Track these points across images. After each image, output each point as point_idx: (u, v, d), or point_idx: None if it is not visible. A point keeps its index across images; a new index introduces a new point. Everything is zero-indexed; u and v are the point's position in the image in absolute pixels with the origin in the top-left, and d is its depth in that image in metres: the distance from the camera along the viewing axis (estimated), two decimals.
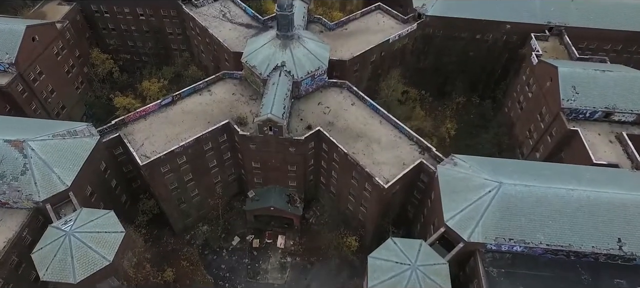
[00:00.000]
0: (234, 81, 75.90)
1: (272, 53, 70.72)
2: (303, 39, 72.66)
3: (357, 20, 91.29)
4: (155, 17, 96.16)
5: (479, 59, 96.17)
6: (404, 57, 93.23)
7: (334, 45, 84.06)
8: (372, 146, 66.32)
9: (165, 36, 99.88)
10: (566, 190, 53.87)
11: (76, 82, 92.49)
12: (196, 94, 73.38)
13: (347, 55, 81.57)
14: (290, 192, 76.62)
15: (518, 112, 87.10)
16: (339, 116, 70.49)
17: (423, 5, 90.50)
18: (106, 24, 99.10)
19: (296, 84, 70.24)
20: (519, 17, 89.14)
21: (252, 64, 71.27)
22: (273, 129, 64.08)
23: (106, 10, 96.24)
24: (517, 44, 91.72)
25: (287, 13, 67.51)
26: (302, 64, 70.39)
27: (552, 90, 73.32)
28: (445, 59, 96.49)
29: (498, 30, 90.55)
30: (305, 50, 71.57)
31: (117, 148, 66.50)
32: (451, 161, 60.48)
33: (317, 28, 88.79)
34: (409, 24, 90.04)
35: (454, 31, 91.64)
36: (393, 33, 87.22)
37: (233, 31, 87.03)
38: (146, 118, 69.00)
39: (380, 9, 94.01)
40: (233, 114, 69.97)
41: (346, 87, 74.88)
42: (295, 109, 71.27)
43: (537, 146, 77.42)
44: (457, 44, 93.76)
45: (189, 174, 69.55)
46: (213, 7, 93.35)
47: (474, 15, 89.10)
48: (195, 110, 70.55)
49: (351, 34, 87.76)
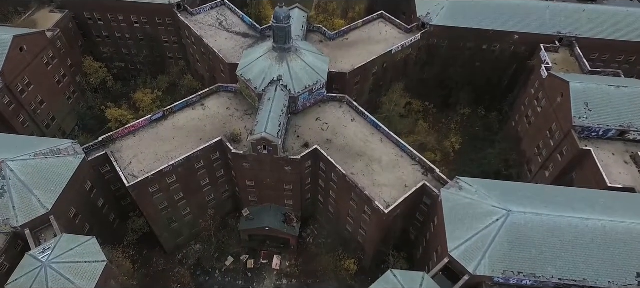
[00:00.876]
0: (229, 95, 72.60)
1: (268, 66, 67.36)
2: (301, 51, 69.24)
3: (358, 29, 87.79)
4: (150, 25, 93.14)
5: (485, 70, 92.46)
6: (407, 68, 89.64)
7: (334, 56, 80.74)
8: (372, 166, 62.78)
9: (160, 44, 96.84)
10: (580, 219, 50.14)
11: (67, 92, 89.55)
12: (189, 108, 70.12)
13: (347, 67, 78.10)
14: (287, 211, 73.20)
15: (526, 126, 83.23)
16: (338, 133, 67.01)
17: (427, 14, 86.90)
18: (100, 32, 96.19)
19: (293, 99, 66.85)
20: (527, 27, 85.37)
21: (247, 78, 67.96)
22: (267, 148, 60.69)
23: (100, 18, 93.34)
24: (526, 55, 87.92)
25: (283, 25, 64.14)
26: (299, 78, 66.98)
27: (563, 107, 69.50)
28: (450, 70, 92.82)
29: (506, 40, 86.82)
30: (302, 63, 68.16)
31: (104, 166, 63.30)
32: (456, 185, 56.80)
33: (316, 38, 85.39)
34: (412, 33, 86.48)
35: (459, 41, 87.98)
36: (396, 43, 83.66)
37: (229, 41, 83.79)
38: (135, 134, 65.85)
39: (382, 18, 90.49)
40: (227, 130, 66.67)
41: (346, 102, 71.40)
42: (292, 124, 67.87)
43: (547, 164, 73.54)
44: (462, 54, 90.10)
45: (180, 193, 66.29)
46: (209, 15, 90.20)
47: (481, 26, 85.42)
48: (187, 125, 67.29)
49: (352, 44, 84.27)
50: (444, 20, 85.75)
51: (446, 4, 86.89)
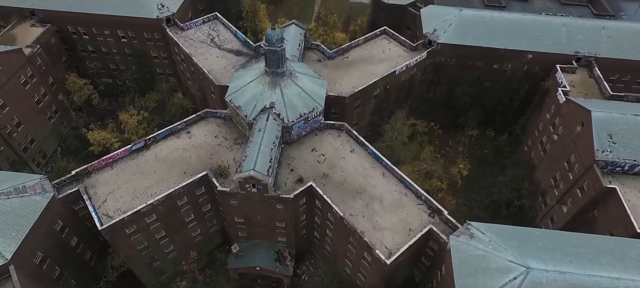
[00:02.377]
0: (218, 121, 66.69)
1: (259, 92, 61.40)
2: (296, 75, 63.25)
3: (359, 47, 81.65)
4: (138, 39, 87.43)
5: (495, 90, 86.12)
6: (412, 88, 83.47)
7: (333, 77, 74.76)
8: (373, 205, 56.65)
9: (149, 60, 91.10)
10: (610, 280, 43.80)
11: (49, 112, 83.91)
12: (173, 136, 64.24)
13: (347, 89, 72.04)
14: (280, 248, 67.21)
15: (540, 153, 76.90)
16: (336, 166, 60.93)
17: (434, 31, 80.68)
18: (85, 46, 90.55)
19: (286, 128, 60.85)
20: (542, 46, 79.03)
21: (236, 104, 62.03)
22: (257, 186, 54.67)
23: (85, 32, 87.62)
24: (540, 75, 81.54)
25: (276, 48, 58.15)
26: (293, 105, 60.98)
27: (584, 137, 63.19)
28: (458, 90, 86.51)
29: (518, 60, 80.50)
30: (297, 88, 62.15)
31: (77, 202, 57.42)
32: (466, 231, 50.61)
33: (314, 56, 79.38)
34: (418, 52, 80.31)
35: (468, 60, 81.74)
36: (400, 63, 77.52)
37: (221, 59, 77.87)
38: (113, 166, 60.02)
39: (386, 34, 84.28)
40: (213, 162, 60.74)
41: (345, 130, 65.35)
42: (285, 156, 61.87)
43: (564, 199, 67.20)
44: (471, 73, 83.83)
45: (162, 232, 60.38)
46: (201, 30, 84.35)
47: (491, 44, 79.14)
48: (171, 157, 61.39)
49: (353, 63, 78.18)
50: (452, 38, 79.50)
51: (454, 20, 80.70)
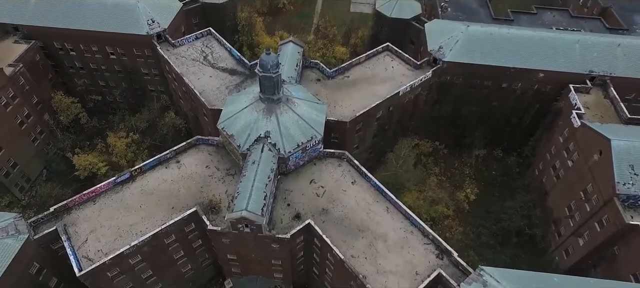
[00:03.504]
0: (210, 149, 62.36)
1: (253, 120, 57.04)
2: (293, 101, 58.89)
3: (361, 65, 77.27)
4: (127, 56, 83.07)
5: (504, 110, 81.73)
6: (416, 108, 79.11)
7: (333, 98, 70.44)
8: (376, 245, 52.27)
9: (140, 77, 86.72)
10: None
11: (33, 133, 79.61)
12: (162, 166, 59.87)
13: (348, 113, 67.65)
14: (276, 284, 62.82)
15: (553, 179, 72.48)
16: (336, 200, 56.54)
17: (439, 48, 76.30)
18: (73, 63, 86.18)
19: (283, 159, 56.48)
20: (554, 64, 74.64)
21: (229, 133, 57.67)
22: (250, 226, 50.27)
23: (72, 48, 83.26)
24: (551, 94, 77.24)
25: (271, 75, 53.78)
26: (290, 134, 56.62)
27: (603, 167, 58.83)
28: (464, 109, 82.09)
29: (528, 78, 76.13)
30: (295, 116, 57.78)
31: (56, 241, 53.01)
32: (479, 278, 46.13)
33: (313, 75, 74.99)
34: (422, 70, 75.93)
35: (475, 79, 77.43)
36: (404, 83, 73.17)
37: (214, 79, 73.49)
38: (96, 200, 55.68)
39: (388, 50, 79.86)
40: (204, 195, 56.38)
41: (346, 159, 60.99)
42: (282, 189, 57.49)
43: (580, 231, 62.81)
44: (479, 92, 79.48)
45: (148, 271, 56.05)
46: (194, 47, 79.95)
47: (501, 63, 74.76)
48: (158, 190, 57.03)
49: (354, 83, 73.81)
50: (459, 56, 75.12)
51: (461, 36, 76.31)
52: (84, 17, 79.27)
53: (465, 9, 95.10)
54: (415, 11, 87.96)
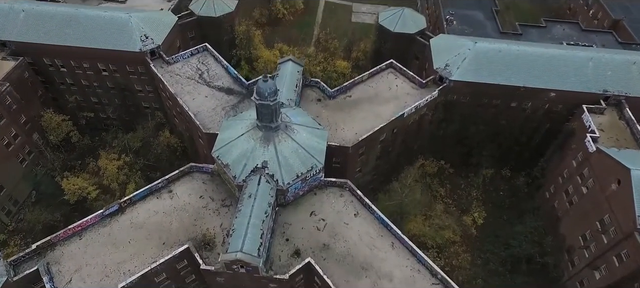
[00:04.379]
0: (204, 177, 58.96)
1: (250, 149, 53.61)
2: (292, 127, 55.45)
3: (363, 83, 73.83)
4: (120, 73, 79.68)
5: (512, 129, 78.23)
6: (421, 128, 75.65)
7: (334, 119, 67.06)
8: (381, 285, 48.85)
9: (133, 94, 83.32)
10: None
11: (21, 154, 76.37)
12: (153, 196, 56.49)
13: (350, 136, 64.26)
14: None
15: (565, 204, 69.04)
16: (338, 234, 53.13)
17: (446, 66, 72.86)
18: (64, 79, 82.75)
19: (281, 191, 53.05)
20: (566, 83, 71.22)
21: (224, 162, 54.23)
22: (245, 267, 46.82)
23: (62, 64, 79.85)
24: (563, 114, 73.91)
25: (269, 103, 50.34)
26: (289, 164, 53.18)
27: (621, 198, 55.44)
28: (472, 128, 78.61)
29: (539, 98, 72.72)
30: (294, 144, 54.34)
31: (38, 281, 49.58)
32: None
33: (314, 94, 71.56)
34: (428, 89, 72.52)
35: (483, 98, 74.04)
36: (409, 102, 69.87)
37: (210, 99, 70.11)
38: (82, 235, 52.37)
39: (392, 68, 76.41)
40: (198, 229, 53.03)
41: (348, 189, 57.56)
42: (280, 222, 54.08)
43: (597, 264, 59.38)
44: (486, 111, 76.07)
45: None
46: (189, 64, 76.57)
47: (510, 82, 71.35)
48: (149, 223, 53.67)
49: (356, 103, 70.39)
50: (466, 75, 71.68)
51: (468, 54, 72.85)
52: (74, 33, 75.87)
53: (471, 22, 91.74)
54: (420, 25, 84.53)
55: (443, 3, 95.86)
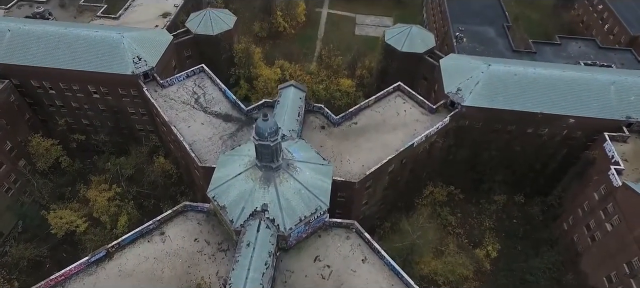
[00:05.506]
0: (199, 217, 54.57)
1: (249, 191, 49.19)
2: (294, 166, 51.02)
3: (369, 108, 69.43)
4: (112, 95, 75.33)
5: (527, 155, 73.85)
6: (431, 156, 71.24)
7: (339, 150, 62.66)
8: None
9: (126, 116, 78.96)
10: None
11: (6, 183, 72.11)
12: (144, 239, 52.10)
13: (356, 169, 59.85)
14: None
15: (587, 240, 64.55)
16: (345, 283, 48.70)
17: (458, 90, 68.44)
18: (53, 101, 78.42)
19: (283, 237, 48.62)
20: (586, 109, 66.78)
21: (221, 204, 49.81)
22: None
23: (51, 87, 75.51)
24: (582, 141, 69.55)
25: (269, 143, 45.91)
26: (291, 207, 48.75)
27: None
28: (484, 154, 74.32)
29: (557, 124, 68.25)
30: (297, 184, 49.90)
31: None
32: None
33: (317, 121, 67.12)
34: (438, 115, 68.10)
35: (497, 123, 69.61)
36: (418, 130, 65.54)
37: (206, 127, 65.70)
38: (65, 286, 47.78)
39: (400, 91, 71.99)
40: (192, 277, 48.65)
41: (355, 230, 53.14)
42: (281, 269, 49.65)
43: None
44: (500, 137, 71.64)
45: None
46: (184, 87, 72.20)
47: (526, 108, 66.90)
48: (138, 270, 49.24)
49: (362, 130, 65.96)
50: (480, 100, 67.25)
51: (482, 77, 68.43)
52: (63, 55, 71.51)
53: (482, 39, 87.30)
54: (428, 44, 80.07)
55: (452, 18, 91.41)
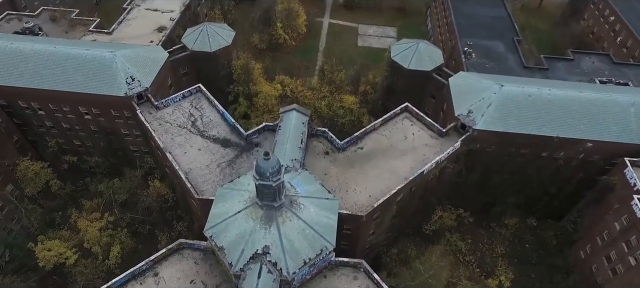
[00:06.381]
0: (196, 255, 50.95)
1: (249, 231, 45.53)
2: (298, 203, 47.38)
3: (376, 132, 65.82)
4: (104, 117, 71.63)
5: (541, 178, 70.34)
6: (441, 182, 67.70)
7: (344, 179, 59.06)
8: None
9: (120, 137, 75.25)
10: None
11: None
12: (136, 281, 48.42)
13: (363, 200, 56.25)
14: None
15: (607, 272, 60.98)
16: None
17: (469, 113, 64.84)
18: (43, 122, 74.67)
19: (286, 281, 44.94)
20: (606, 133, 63.24)
21: (219, 244, 46.15)
22: None
23: (40, 107, 71.77)
24: (600, 165, 66.14)
25: (271, 183, 42.25)
26: (295, 248, 45.12)
27: None
28: (496, 177, 70.79)
29: (574, 148, 64.70)
30: (300, 223, 46.27)
31: None
32: None
33: (321, 147, 63.49)
34: (448, 138, 64.52)
35: (510, 147, 66.01)
36: (428, 155, 62.01)
37: (204, 153, 62.01)
38: None
39: (407, 112, 68.39)
40: None
41: (363, 270, 49.57)
42: None
43: None
44: (513, 160, 68.08)
45: None
46: (180, 109, 68.53)
47: (542, 131, 63.34)
48: None
49: (368, 156, 62.32)
50: (492, 123, 63.68)
51: (494, 99, 64.87)
52: (52, 75, 67.77)
53: (491, 54, 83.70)
54: (436, 61, 76.50)
55: (460, 32, 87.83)
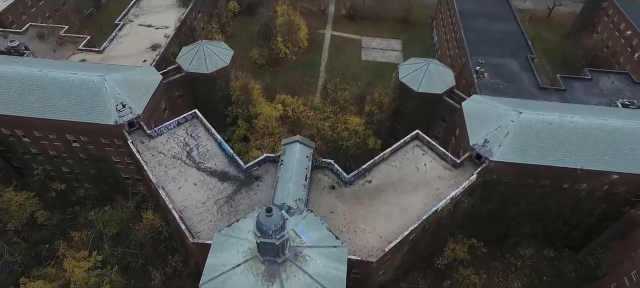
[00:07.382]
0: None
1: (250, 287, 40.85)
2: (303, 254, 42.75)
3: (385, 162, 61.26)
4: (93, 145, 66.96)
5: (561, 209, 65.82)
6: (454, 216, 63.13)
7: (352, 217, 54.47)
8: None
9: (111, 164, 70.54)
10: None
11: None
12: None
13: (373, 242, 51.72)
14: None
15: None
16: None
17: (485, 142, 60.27)
18: (28, 149, 69.95)
19: None
20: (632, 165, 58.66)
21: None
22: None
23: (24, 134, 67.07)
24: (625, 197, 61.59)
25: (274, 241, 37.63)
26: None
27: None
28: (512, 208, 66.24)
29: (598, 180, 60.20)
30: (306, 278, 41.63)
31: None
32: None
33: (326, 180, 58.85)
34: (463, 170, 60.02)
35: (529, 178, 61.46)
36: (442, 189, 57.57)
37: (200, 188, 57.32)
38: None
39: (418, 140, 63.86)
40: None
41: None
42: None
43: None
44: (532, 192, 63.53)
45: None
46: (175, 137, 63.87)
47: (564, 163, 58.76)
48: None
49: (378, 191, 57.75)
50: (511, 155, 59.10)
51: (512, 127, 60.34)
52: (37, 102, 63.09)
53: (505, 74, 79.18)
54: (448, 83, 71.93)
55: (470, 49, 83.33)
